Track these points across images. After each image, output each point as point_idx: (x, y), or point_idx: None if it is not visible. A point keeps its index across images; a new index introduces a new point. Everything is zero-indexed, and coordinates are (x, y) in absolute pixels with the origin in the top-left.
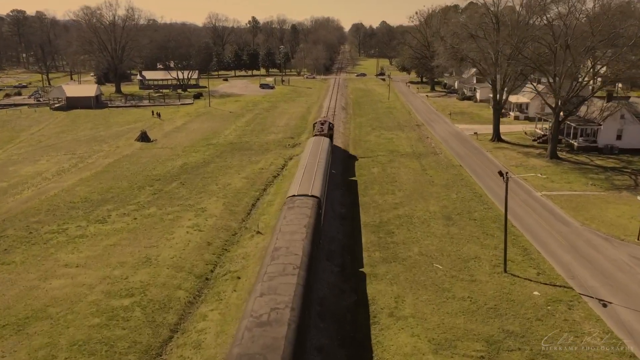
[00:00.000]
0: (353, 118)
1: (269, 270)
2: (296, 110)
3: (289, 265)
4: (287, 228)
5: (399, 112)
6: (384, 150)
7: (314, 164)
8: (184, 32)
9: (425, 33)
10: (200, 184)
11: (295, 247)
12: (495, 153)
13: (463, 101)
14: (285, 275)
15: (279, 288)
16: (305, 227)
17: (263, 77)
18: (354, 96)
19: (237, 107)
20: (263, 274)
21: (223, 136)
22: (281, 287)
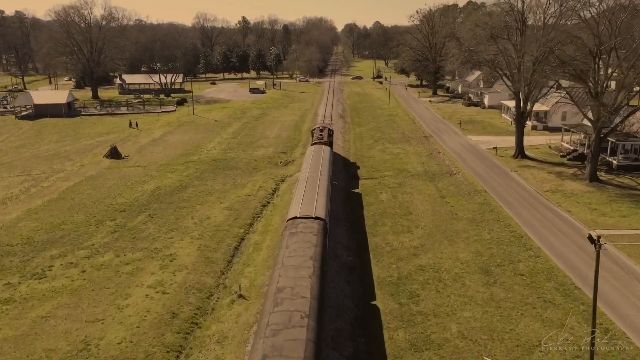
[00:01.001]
0: (352, 128)
1: (272, 320)
2: (289, 119)
3: (296, 314)
4: (291, 261)
5: (402, 121)
6: (391, 169)
7: (316, 177)
8: (171, 32)
9: (427, 33)
10: (172, 216)
11: (302, 287)
12: (522, 173)
13: (470, 107)
14: (293, 327)
15: (285, 347)
16: (311, 259)
17: (253, 80)
18: (351, 101)
19: (224, 114)
20: (265, 326)
21: (205, 151)
22: (288, 345)
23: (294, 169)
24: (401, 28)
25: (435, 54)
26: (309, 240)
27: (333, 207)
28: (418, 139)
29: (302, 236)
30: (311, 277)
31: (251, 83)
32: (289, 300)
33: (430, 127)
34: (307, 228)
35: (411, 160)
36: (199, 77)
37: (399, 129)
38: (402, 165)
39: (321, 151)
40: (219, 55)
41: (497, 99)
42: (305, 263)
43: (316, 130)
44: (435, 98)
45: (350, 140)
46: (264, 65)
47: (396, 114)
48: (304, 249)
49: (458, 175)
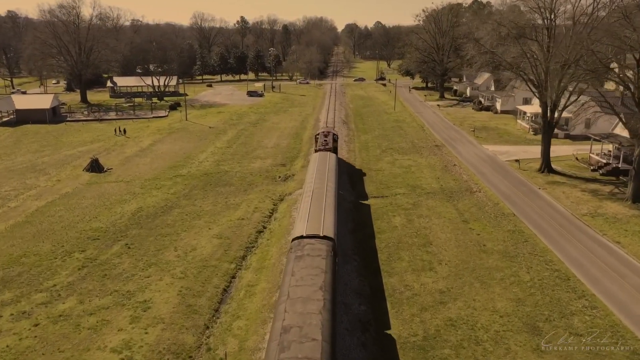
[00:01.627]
0: (357, 135)
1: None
2: (288, 125)
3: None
4: (298, 292)
5: (410, 127)
6: (402, 186)
7: (322, 189)
8: (167, 33)
9: (434, 33)
10: (152, 247)
11: (311, 327)
12: (553, 191)
13: (480, 112)
14: None
15: None
16: (321, 289)
17: (252, 82)
18: (354, 105)
19: (219, 120)
20: None
21: (197, 163)
22: None
23: (295, 186)
24: (403, 28)
25: (442, 55)
26: (317, 266)
27: (340, 234)
28: (429, 149)
29: (309, 260)
30: (322, 312)
31: (249, 85)
32: (297, 344)
33: (441, 134)
34: (315, 250)
35: (424, 174)
36: (195, 79)
37: (408, 137)
38: (415, 181)
39: (326, 159)
40: (216, 57)
41: (511, 104)
42: (315, 294)
43: (320, 136)
44: (442, 102)
45: (355, 149)
46: (262, 67)
47: (403, 119)
48: (312, 276)
49: (479, 193)
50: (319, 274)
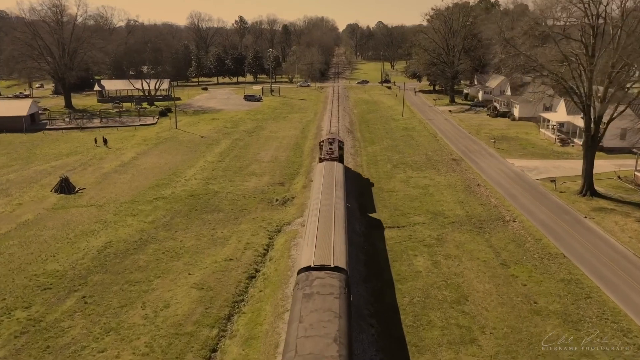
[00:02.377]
0: (363, 146)
1: None
2: (288, 134)
3: None
4: (307, 345)
5: (422, 137)
6: (421, 212)
7: (330, 208)
8: (162, 33)
9: (444, 34)
10: (115, 301)
11: None
12: (603, 221)
13: (496, 119)
14: None
15: None
16: (335, 341)
17: (250, 84)
18: (358, 111)
19: (212, 129)
20: None
21: (183, 181)
22: None
23: (294, 212)
24: (407, 28)
25: (452, 57)
26: (329, 308)
27: (351, 282)
28: (447, 164)
29: (319, 301)
30: None
31: (246, 89)
32: None
33: (457, 145)
34: (326, 287)
35: (445, 197)
36: (191, 81)
37: (421, 149)
38: (436, 206)
39: (333, 170)
40: (212, 58)
41: (530, 110)
42: (328, 349)
43: (325, 144)
44: (453, 107)
45: (362, 164)
46: (261, 69)
47: (413, 127)
48: (324, 323)
49: (514, 223)
50: (333, 319)
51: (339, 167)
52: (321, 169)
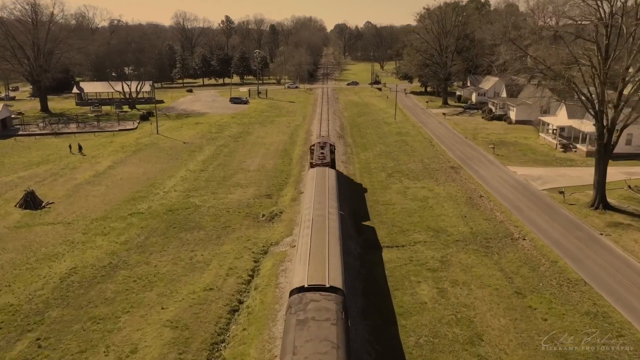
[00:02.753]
0: (355, 153)
1: None
2: (275, 140)
3: None
4: None
5: (417, 142)
6: (421, 228)
7: (323, 219)
8: (146, 33)
9: (437, 34)
10: (74, 344)
11: None
12: (621, 239)
13: (492, 122)
14: None
15: None
16: None
17: (236, 86)
18: (349, 114)
19: (196, 134)
20: None
21: (162, 193)
22: None
23: (283, 230)
24: (396, 28)
25: (446, 58)
26: (325, 337)
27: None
28: (445, 172)
29: (315, 328)
30: None
31: (233, 91)
32: None
33: (454, 151)
34: (322, 311)
35: (446, 210)
36: (176, 82)
37: (416, 155)
38: (437, 221)
39: (325, 177)
40: (197, 59)
41: (527, 113)
42: None
43: (316, 148)
44: (447, 109)
45: (355, 173)
46: (248, 70)
47: (407, 131)
48: (321, 355)
49: (524, 241)
50: (330, 350)
51: (332, 173)
52: (313, 175)
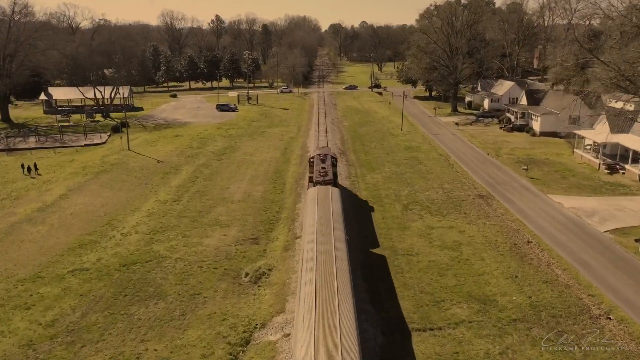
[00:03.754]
0: (360, 174)
1: None
2: (266, 157)
3: None
4: None
5: (431, 160)
6: (461, 297)
7: (329, 256)
8: (130, 34)
9: (447, 34)
10: None
11: None
12: None
13: (512, 133)
14: None
15: None
16: None
17: (225, 90)
18: (349, 123)
19: (174, 149)
20: None
21: (119, 237)
22: None
23: (273, 300)
24: (393, 29)
25: (456, 60)
26: None
27: None
28: (473, 204)
29: None
30: None
31: (220, 96)
32: None
33: (478, 173)
34: None
35: (489, 265)
36: (161, 86)
37: (434, 178)
38: (480, 286)
39: (328, 199)
40: (183, 61)
41: (553, 124)
42: None
43: (316, 161)
44: (457, 117)
45: (362, 205)
46: (238, 73)
47: (417, 145)
48: None
49: (609, 323)
50: None
51: (335, 194)
52: (314, 196)
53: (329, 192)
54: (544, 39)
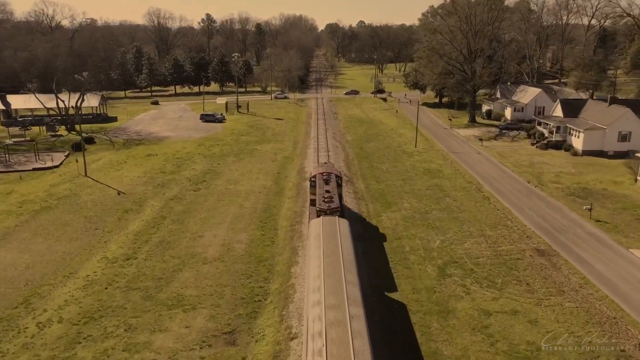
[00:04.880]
0: (374, 212)
1: None
2: (254, 186)
3: None
4: None
5: (460, 190)
6: None
7: (344, 328)
8: (113, 34)
9: (466, 34)
10: None
11: None
12: None
13: (548, 151)
14: None
15: None
16: None
17: (214, 96)
18: (353, 137)
19: (141, 175)
20: None
21: (32, 329)
22: None
23: None
24: (393, 28)
25: (475, 64)
26: None
27: None
28: (534, 267)
29: None
30: None
31: (207, 103)
32: None
33: (524, 212)
34: None
35: None
36: (145, 91)
37: (470, 220)
38: None
39: (337, 238)
40: (168, 63)
41: (599, 142)
42: None
43: (318, 181)
44: (477, 129)
45: (379, 267)
46: (229, 76)
47: (439, 169)
48: None
49: None
50: None
51: (344, 227)
52: (318, 232)
53: (336, 227)
54: (564, 39)
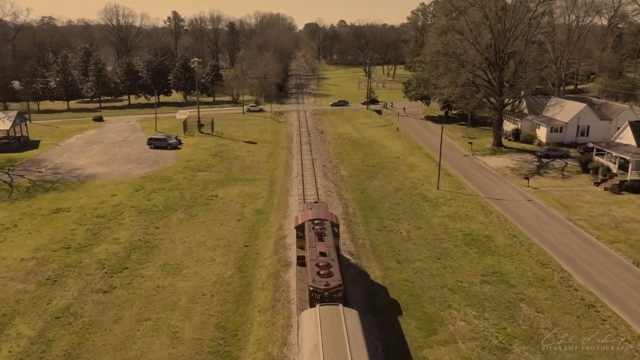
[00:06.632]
0: (409, 342)
1: None
2: (206, 278)
3: None
4: None
5: (535, 283)
6: None
7: None
8: (65, 35)
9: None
10: None
11: None
12: None
13: (623, 195)
14: None
15: None
16: None
17: (176, 107)
18: (350, 172)
19: (29, 253)
20: None
21: None
22: None
23: None
24: (378, 27)
25: (503, 73)
26: None
27: None
28: None
29: None
30: None
31: (161, 120)
32: None
33: None
34: None
35: None
36: (94, 101)
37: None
38: None
39: (346, 350)
40: (119, 69)
41: None
42: None
43: (308, 235)
44: (507, 157)
45: None
46: (194, 84)
47: (486, 233)
48: None
49: None
50: None
51: (353, 327)
52: (315, 342)
53: (342, 329)
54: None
